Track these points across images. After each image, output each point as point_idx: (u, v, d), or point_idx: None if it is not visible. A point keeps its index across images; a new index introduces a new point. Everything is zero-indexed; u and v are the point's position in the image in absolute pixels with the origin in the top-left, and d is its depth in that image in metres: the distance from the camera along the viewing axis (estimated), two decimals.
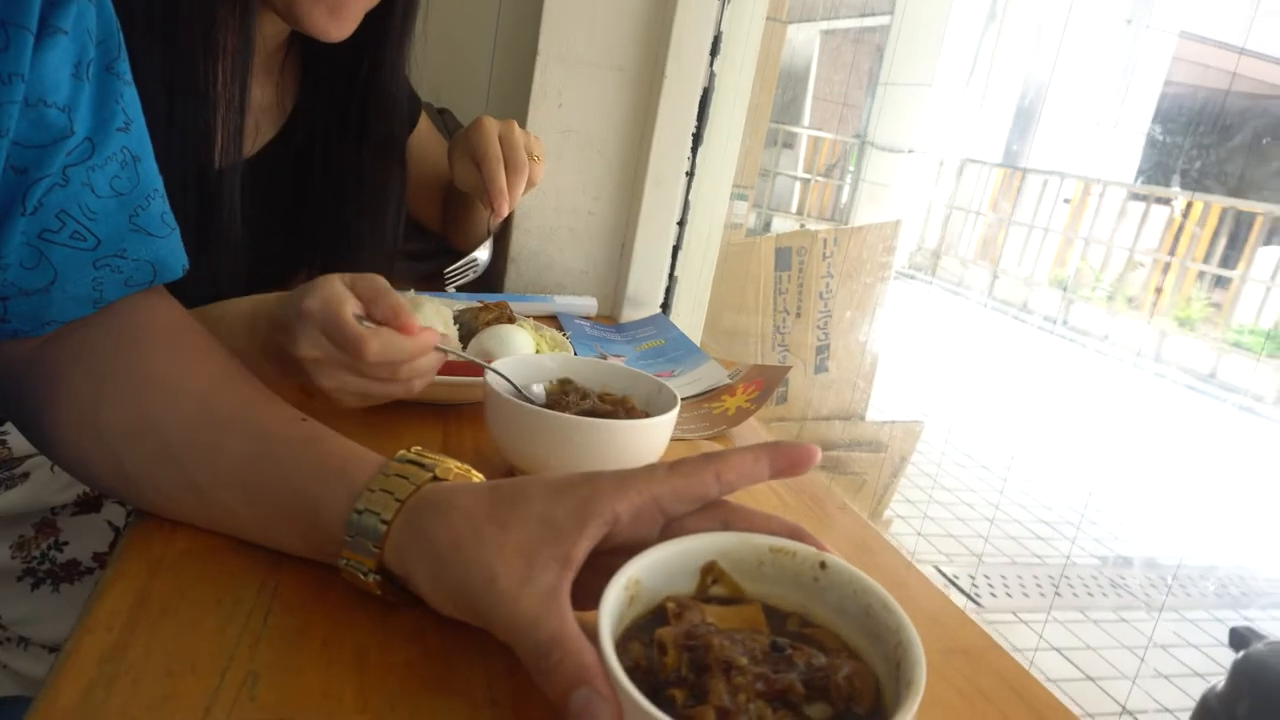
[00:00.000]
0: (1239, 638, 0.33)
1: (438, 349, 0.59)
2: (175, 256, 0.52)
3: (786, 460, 0.40)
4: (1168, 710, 1.89)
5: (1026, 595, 2.27)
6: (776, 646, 0.35)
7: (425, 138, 1.08)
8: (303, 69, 0.90)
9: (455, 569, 0.38)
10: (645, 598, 0.37)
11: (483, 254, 0.95)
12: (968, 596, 2.20)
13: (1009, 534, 2.68)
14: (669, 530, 0.40)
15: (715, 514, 0.40)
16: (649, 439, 0.58)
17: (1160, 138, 8.52)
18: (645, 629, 0.36)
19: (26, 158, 0.42)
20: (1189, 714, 1.89)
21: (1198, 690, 1.98)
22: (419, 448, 0.46)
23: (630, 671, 0.32)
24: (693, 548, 0.38)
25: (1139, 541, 2.85)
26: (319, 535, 0.44)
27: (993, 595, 2.22)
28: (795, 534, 0.40)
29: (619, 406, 0.61)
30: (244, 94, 0.74)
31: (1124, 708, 1.85)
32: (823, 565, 0.38)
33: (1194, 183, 8.04)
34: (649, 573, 0.37)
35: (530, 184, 0.90)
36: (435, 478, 0.43)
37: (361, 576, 0.42)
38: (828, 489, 0.68)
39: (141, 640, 0.38)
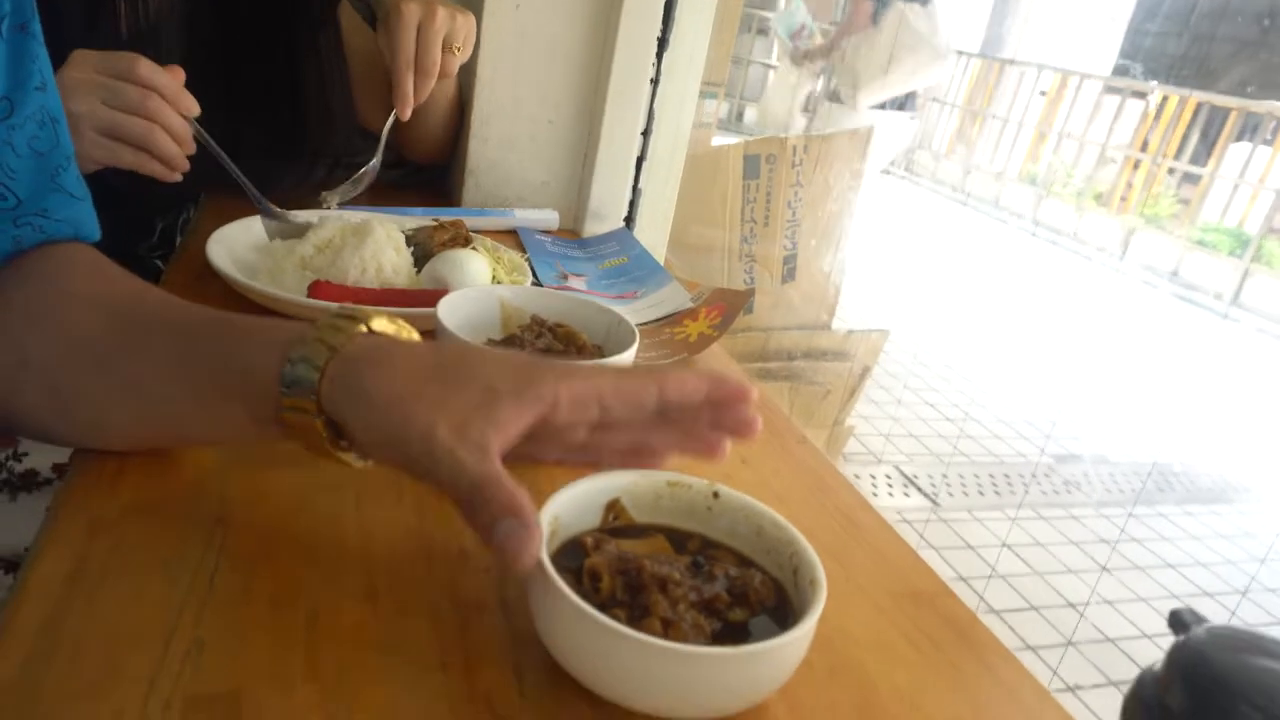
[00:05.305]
0: (1179, 621, 0.33)
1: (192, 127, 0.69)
2: (93, 222, 0.52)
3: (724, 392, 0.41)
4: (1107, 602, 2.00)
5: (982, 494, 2.34)
6: (696, 564, 0.40)
7: (361, 33, 1.02)
8: None
9: (393, 423, 0.38)
10: (561, 534, 0.41)
11: (372, 162, 0.92)
12: (926, 496, 2.27)
13: (970, 434, 2.75)
14: (596, 439, 0.42)
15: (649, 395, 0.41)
16: None
17: (1142, 27, 8.31)
18: (563, 566, 0.38)
19: None
20: (1129, 606, 2.00)
21: (1141, 587, 2.09)
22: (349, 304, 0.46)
23: None
24: (600, 486, 0.42)
25: (1099, 441, 2.94)
26: (258, 401, 0.42)
27: (949, 495, 2.29)
28: (718, 383, 0.41)
29: (572, 343, 0.60)
30: None
31: (1068, 601, 1.95)
32: (715, 495, 0.43)
33: (1175, 76, 7.90)
34: (565, 509, 0.41)
35: (443, 75, 0.88)
36: (369, 330, 0.43)
37: (311, 421, 0.41)
38: (787, 421, 0.68)
39: (80, 609, 0.37)
